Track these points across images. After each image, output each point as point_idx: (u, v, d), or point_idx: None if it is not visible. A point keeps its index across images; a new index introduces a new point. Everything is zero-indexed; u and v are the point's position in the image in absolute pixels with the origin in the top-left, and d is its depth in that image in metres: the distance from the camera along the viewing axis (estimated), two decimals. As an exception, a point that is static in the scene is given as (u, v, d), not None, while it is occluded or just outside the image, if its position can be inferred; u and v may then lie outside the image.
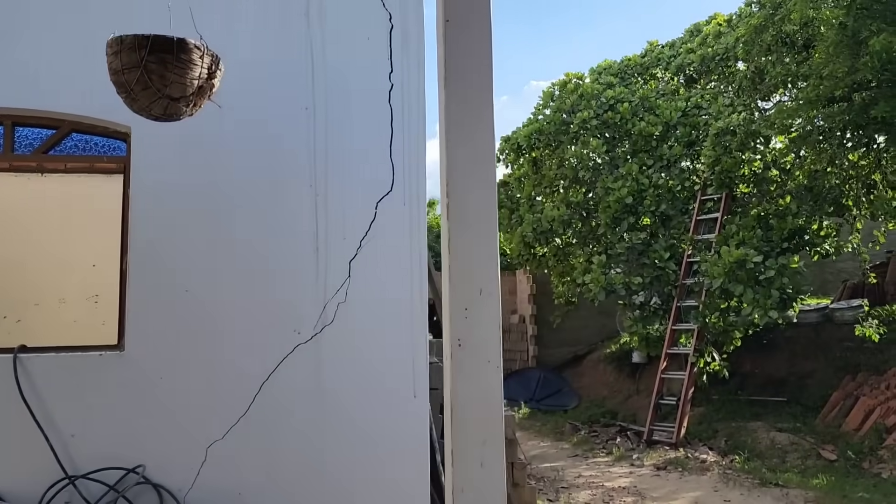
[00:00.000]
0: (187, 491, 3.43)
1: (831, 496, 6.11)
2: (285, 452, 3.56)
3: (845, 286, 11.79)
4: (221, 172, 3.70)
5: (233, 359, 3.57)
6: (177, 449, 3.44)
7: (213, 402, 3.51)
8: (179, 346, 3.53)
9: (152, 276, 3.56)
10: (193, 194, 3.64)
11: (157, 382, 3.47)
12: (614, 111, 11.16)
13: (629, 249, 10.13)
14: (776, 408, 10.11)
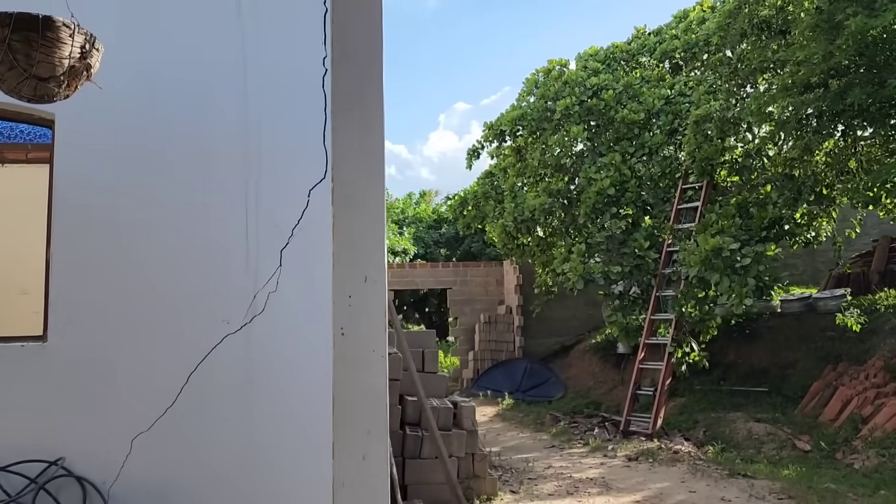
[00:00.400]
0: (111, 483, 3.37)
1: (797, 487, 6.04)
2: (214, 444, 3.49)
3: (830, 275, 11.70)
4: (149, 160, 3.62)
5: (160, 349, 3.49)
6: (101, 441, 3.38)
7: (138, 393, 3.44)
8: (105, 336, 3.46)
9: (77, 267, 3.49)
10: (119, 183, 3.56)
11: (81, 374, 3.41)
12: (598, 98, 11.05)
13: (609, 238, 10.05)
14: (757, 398, 10.04)
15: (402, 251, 18.72)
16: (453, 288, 16.01)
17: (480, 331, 15.40)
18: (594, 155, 10.83)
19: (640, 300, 10.02)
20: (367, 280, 1.97)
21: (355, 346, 1.96)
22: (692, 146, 9.52)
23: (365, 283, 1.97)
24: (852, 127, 7.43)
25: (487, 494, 5.91)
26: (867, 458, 7.01)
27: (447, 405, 5.94)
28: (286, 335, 3.61)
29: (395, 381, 5.79)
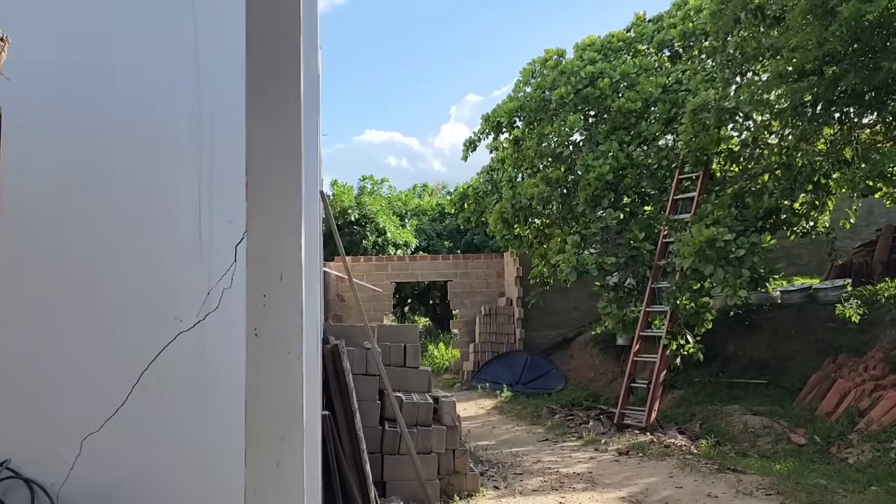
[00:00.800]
0: (61, 485, 3.30)
1: (786, 482, 5.91)
2: (165, 445, 3.42)
3: (832, 265, 11.49)
4: (98, 153, 3.54)
5: (110, 348, 3.42)
6: (49, 442, 3.31)
7: (88, 393, 3.38)
8: (52, 334, 3.39)
9: (22, 264, 3.41)
10: (67, 177, 3.48)
11: (27, 373, 3.34)
12: (594, 87, 10.88)
13: (604, 229, 9.91)
14: (756, 391, 9.90)
15: (404, 244, 18.63)
16: (454, 280, 15.91)
17: (481, 323, 15.31)
18: (591, 144, 10.67)
19: (636, 292, 9.88)
20: (282, 278, 1.87)
21: (270, 348, 1.86)
22: (689, 135, 9.34)
23: (280, 282, 1.86)
24: (848, 114, 7.24)
25: (469, 491, 5.83)
26: (861, 452, 6.87)
27: (427, 400, 5.86)
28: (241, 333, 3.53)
29: (372, 376, 5.72)
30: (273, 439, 1.97)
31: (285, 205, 2.03)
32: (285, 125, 2.03)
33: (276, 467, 1.97)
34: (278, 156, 2.03)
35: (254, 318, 2.00)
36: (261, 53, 2.06)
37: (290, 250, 2.03)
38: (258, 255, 2.02)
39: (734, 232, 8.18)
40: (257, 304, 2.01)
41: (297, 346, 2.02)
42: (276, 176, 2.03)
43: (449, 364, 16.47)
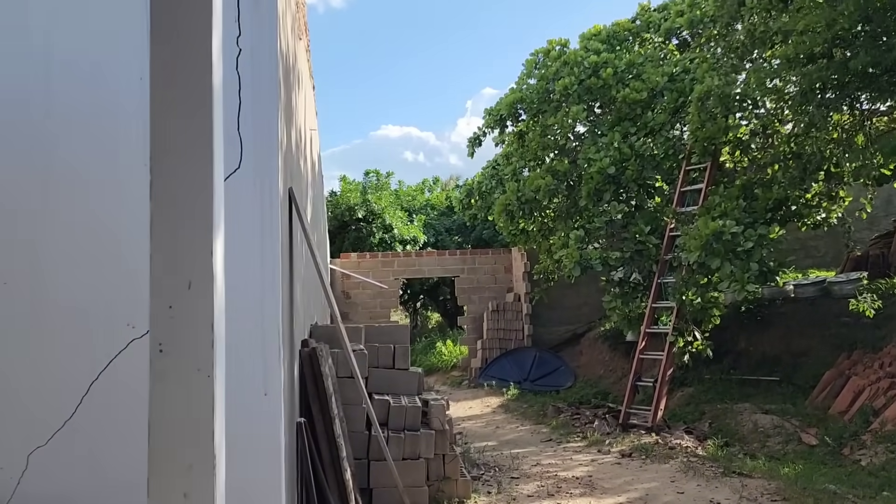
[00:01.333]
0: (7, 500, 3.14)
1: (794, 487, 5.64)
2: (118, 458, 3.24)
3: (848, 258, 11.12)
4: (44, 150, 3.35)
5: (57, 357, 3.25)
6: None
7: (34, 405, 3.21)
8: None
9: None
10: (13, 176, 3.31)
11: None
12: (598, 77, 10.59)
13: (609, 223, 9.63)
14: (768, 388, 9.59)
15: (412, 239, 18.42)
16: (461, 276, 15.69)
17: (489, 319, 15.08)
18: (594, 136, 10.39)
19: (642, 287, 9.60)
20: (190, 287, 1.66)
21: (176, 364, 1.66)
22: (695, 125, 9.03)
23: (189, 291, 1.66)
24: (858, 99, 6.91)
25: (459, 497, 5.61)
26: (875, 454, 6.56)
27: (416, 404, 5.65)
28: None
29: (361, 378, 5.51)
30: (180, 467, 1.77)
31: (195, 208, 1.82)
32: (194, 119, 1.82)
33: (182, 498, 1.76)
34: (186, 153, 1.83)
35: (159, 333, 1.80)
36: (166, 39, 1.85)
37: (201, 257, 1.82)
38: (163, 262, 1.81)
39: (742, 224, 7.88)
40: (163, 317, 1.80)
41: (207, 362, 1.81)
42: (183, 175, 1.82)
43: (457, 361, 16.26)
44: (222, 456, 1.89)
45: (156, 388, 1.79)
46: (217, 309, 1.85)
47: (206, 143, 1.83)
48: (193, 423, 1.78)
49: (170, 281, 1.80)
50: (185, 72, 1.84)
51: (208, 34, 1.85)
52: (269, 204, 3.45)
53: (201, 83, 1.84)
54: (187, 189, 1.82)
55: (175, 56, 1.83)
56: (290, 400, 4.01)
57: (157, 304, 1.80)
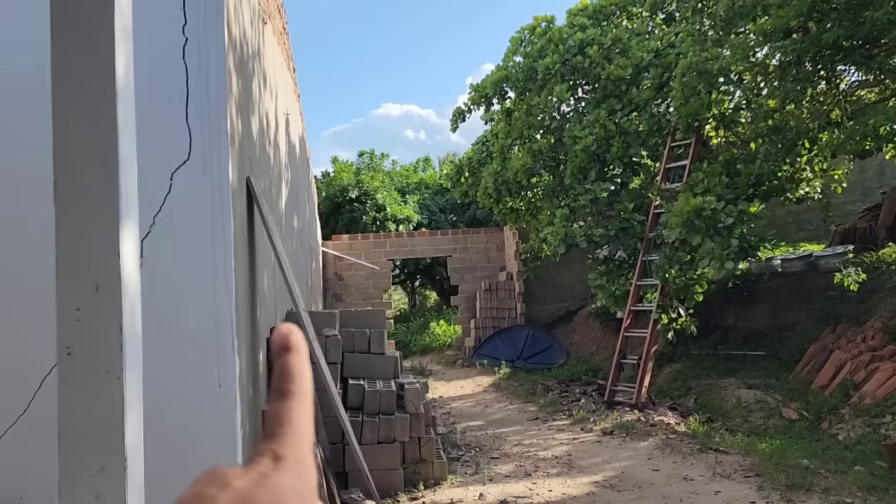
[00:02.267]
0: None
1: (767, 463, 5.67)
2: (73, 451, 3.27)
3: (836, 231, 11.08)
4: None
5: (8, 351, 3.27)
6: (-51, 451, 3.18)
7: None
8: (-49, 340, 3.24)
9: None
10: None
11: (-76, 381, 3.20)
12: (584, 55, 10.49)
13: (594, 201, 9.60)
14: (754, 363, 9.63)
15: (405, 219, 18.39)
16: (453, 256, 15.69)
17: (481, 298, 15.11)
18: (579, 114, 10.32)
19: (627, 265, 9.59)
20: (98, 289, 1.65)
21: (84, 368, 1.66)
22: (679, 100, 8.96)
23: (96, 294, 1.66)
24: (834, 71, 6.84)
25: (435, 479, 5.66)
26: (852, 428, 6.60)
27: (391, 388, 5.68)
28: (158, 330, 3.35)
29: (333, 364, 5.55)
30: (90, 469, 1.78)
31: (101, 206, 1.81)
32: (97, 114, 1.81)
33: (94, 500, 1.78)
34: (92, 148, 1.81)
35: (66, 336, 1.80)
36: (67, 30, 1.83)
37: (108, 258, 1.82)
38: (69, 264, 1.81)
39: (724, 200, 7.86)
40: (70, 320, 1.80)
41: (116, 365, 1.81)
42: (88, 174, 1.81)
43: (451, 340, 16.33)
44: (139, 457, 1.90)
45: (63, 391, 1.80)
46: (127, 311, 1.86)
47: (111, 140, 1.82)
48: (103, 426, 1.79)
49: (75, 284, 1.80)
50: (85, 63, 1.82)
51: (110, 20, 1.83)
52: (221, 194, 3.44)
53: (103, 75, 1.82)
54: (91, 189, 1.81)
55: (75, 47, 1.81)
56: (251, 389, 4.03)
57: (63, 306, 1.80)
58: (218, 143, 3.46)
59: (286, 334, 0.45)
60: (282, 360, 0.44)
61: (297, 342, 0.44)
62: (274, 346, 0.44)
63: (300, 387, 0.43)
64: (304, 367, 0.44)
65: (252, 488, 0.38)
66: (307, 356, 0.45)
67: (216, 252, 3.43)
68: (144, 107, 3.45)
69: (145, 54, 3.43)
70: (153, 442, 3.16)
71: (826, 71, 6.80)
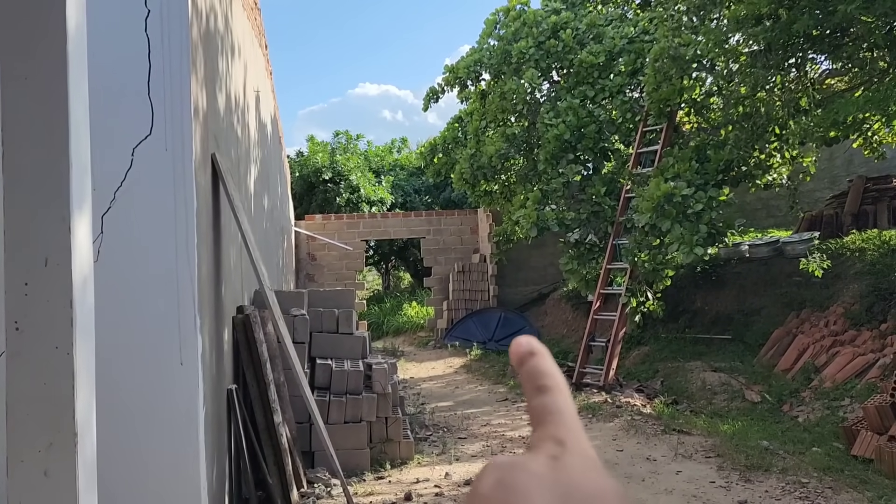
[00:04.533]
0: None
1: (728, 444, 5.79)
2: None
3: (803, 218, 11.27)
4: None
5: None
6: None
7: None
8: None
9: None
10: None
11: None
12: (557, 38, 10.47)
13: (566, 185, 9.64)
14: (720, 346, 9.79)
15: (379, 200, 18.33)
16: (427, 237, 15.68)
17: (454, 280, 15.14)
18: (552, 100, 10.32)
19: (598, 248, 9.67)
20: (47, 264, 1.63)
21: (33, 342, 1.64)
22: (651, 86, 9.00)
23: (45, 268, 1.63)
24: (804, 59, 6.91)
25: (402, 458, 5.70)
26: (812, 410, 6.76)
27: (358, 368, 5.68)
28: (119, 307, 3.32)
29: (300, 343, 5.54)
30: (39, 444, 1.76)
31: (50, 180, 1.78)
32: (44, 86, 1.77)
33: (43, 476, 1.76)
34: (40, 121, 1.78)
35: (14, 310, 1.77)
36: (16, 4, 1.78)
37: (58, 232, 1.78)
38: (17, 238, 1.77)
39: (694, 186, 7.93)
40: (18, 294, 1.77)
41: (66, 339, 1.79)
42: (36, 147, 1.77)
43: (424, 322, 16.36)
44: (90, 433, 1.88)
45: (12, 366, 1.77)
46: (77, 286, 1.82)
47: (61, 109, 1.78)
48: (52, 401, 1.77)
49: (24, 258, 1.76)
50: (34, 33, 1.78)
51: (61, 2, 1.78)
52: (184, 171, 3.39)
53: (52, 46, 1.78)
54: (40, 160, 1.77)
55: (23, 16, 1.77)
56: (215, 368, 4.01)
57: (11, 280, 1.77)
58: (181, 118, 3.41)
59: (526, 342, 0.48)
60: (531, 362, 0.47)
61: (539, 347, 0.48)
62: (517, 355, 0.48)
63: (555, 381, 0.46)
64: (553, 366, 0.47)
65: (552, 472, 0.39)
66: (551, 358, 0.48)
67: (178, 229, 3.39)
68: (105, 80, 3.39)
69: (106, 26, 3.37)
70: (111, 419, 3.15)
71: (795, 59, 6.87)
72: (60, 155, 1.78)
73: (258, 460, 4.47)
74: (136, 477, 3.29)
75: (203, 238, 3.69)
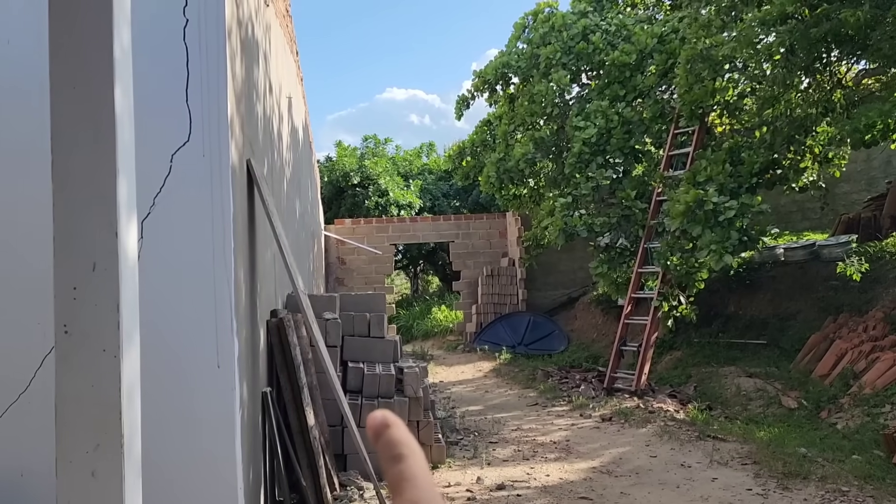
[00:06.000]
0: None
1: (765, 451, 5.69)
2: (73, 430, 3.29)
3: (840, 220, 11.05)
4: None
5: (8, 328, 3.29)
6: (-49, 429, 3.21)
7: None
8: (-48, 318, 3.26)
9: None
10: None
11: (-75, 359, 3.22)
12: (587, 41, 10.42)
13: (595, 189, 9.58)
14: (755, 351, 9.63)
15: (408, 204, 18.38)
16: (455, 241, 15.69)
17: (483, 284, 15.12)
18: (582, 102, 10.27)
19: (628, 252, 9.58)
20: (95, 269, 1.66)
21: (81, 346, 1.68)
22: (683, 87, 8.90)
23: (93, 273, 1.67)
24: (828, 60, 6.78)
25: (434, 462, 5.70)
26: (851, 417, 6.61)
27: (390, 372, 5.70)
28: (157, 310, 3.37)
29: (332, 347, 5.57)
30: (86, 446, 1.80)
31: (97, 185, 1.82)
32: (92, 94, 1.81)
33: (90, 477, 1.80)
34: (88, 128, 1.82)
35: (63, 314, 1.81)
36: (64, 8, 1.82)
37: (106, 237, 1.82)
38: (66, 243, 1.82)
39: (727, 191, 7.83)
40: (67, 298, 1.81)
41: (113, 343, 1.83)
42: (83, 153, 1.81)
43: (453, 326, 16.36)
44: (136, 435, 1.91)
45: (61, 369, 1.81)
46: (124, 290, 1.86)
47: (108, 119, 1.82)
48: (100, 403, 1.81)
49: (72, 263, 1.80)
50: (83, 43, 1.82)
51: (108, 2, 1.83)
52: (220, 177, 3.44)
53: (100, 55, 1.82)
54: (88, 168, 1.81)
55: (73, 27, 1.81)
56: (251, 371, 4.05)
57: (60, 285, 1.81)
58: (218, 125, 3.46)
59: (381, 416, 0.52)
60: (386, 434, 0.51)
61: (394, 419, 0.52)
62: (373, 428, 0.52)
63: (410, 449, 0.51)
64: (406, 435, 0.51)
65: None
66: (405, 428, 0.52)
67: (215, 233, 3.43)
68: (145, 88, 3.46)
69: (146, 36, 3.43)
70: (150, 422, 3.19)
71: (821, 60, 6.74)
72: (107, 162, 1.82)
73: (292, 463, 4.51)
74: (173, 478, 3.33)
75: (239, 243, 3.74)
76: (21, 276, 3.33)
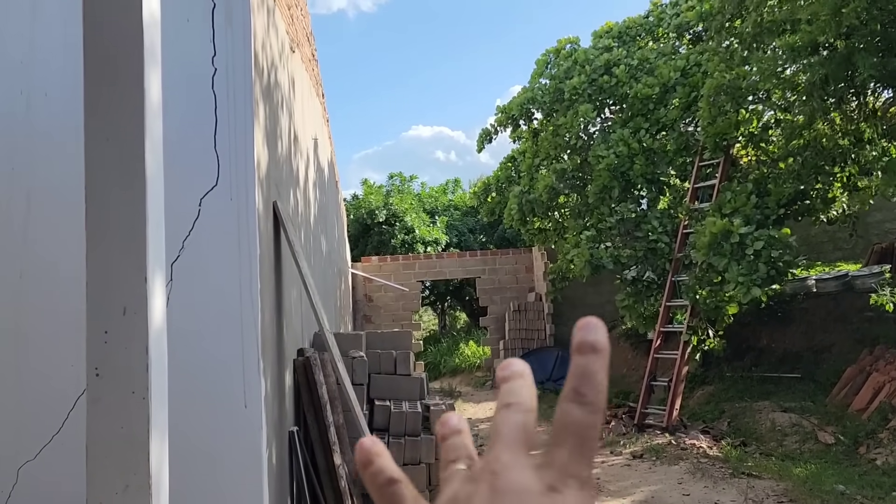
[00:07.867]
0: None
1: (801, 489, 5.54)
2: (104, 470, 3.34)
3: (873, 250, 10.85)
4: (26, 162, 3.48)
5: (43, 370, 3.36)
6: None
7: (21, 419, 3.32)
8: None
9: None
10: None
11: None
12: (610, 75, 10.51)
13: (620, 222, 9.56)
14: (789, 385, 9.43)
15: (434, 241, 18.47)
16: (482, 277, 15.69)
17: (510, 319, 15.06)
18: (605, 134, 10.32)
19: (656, 286, 9.50)
20: (125, 312, 1.72)
21: (112, 388, 1.72)
22: (706, 120, 8.91)
23: (123, 317, 1.72)
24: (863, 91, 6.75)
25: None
26: (891, 452, 6.42)
27: (417, 409, 5.69)
28: (186, 351, 3.43)
29: (359, 385, 5.58)
30: (116, 487, 1.84)
31: (128, 232, 1.88)
32: (124, 147, 1.89)
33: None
34: (120, 177, 1.89)
35: (95, 357, 1.87)
36: (98, 65, 1.92)
37: (135, 282, 1.88)
38: (98, 288, 1.88)
39: (753, 223, 7.76)
40: (98, 342, 1.87)
41: (142, 385, 1.87)
42: (115, 201, 1.89)
43: (480, 362, 16.28)
44: (164, 476, 1.95)
45: (92, 411, 1.86)
46: (153, 333, 1.92)
47: (138, 167, 1.89)
48: (129, 445, 1.85)
49: (104, 306, 1.86)
50: (116, 93, 1.90)
51: (139, 51, 1.91)
52: (247, 219, 3.52)
53: (132, 105, 1.91)
54: (119, 214, 1.88)
55: (106, 77, 1.90)
56: (277, 410, 4.08)
57: (92, 328, 1.87)
58: (245, 169, 3.55)
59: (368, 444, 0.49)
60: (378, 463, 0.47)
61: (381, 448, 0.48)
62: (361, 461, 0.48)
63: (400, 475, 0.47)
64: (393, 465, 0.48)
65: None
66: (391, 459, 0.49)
67: (242, 275, 3.50)
68: (175, 134, 3.57)
69: (176, 84, 3.56)
70: (178, 462, 3.23)
71: (856, 91, 6.71)
72: (138, 210, 1.89)
73: (319, 502, 4.50)
74: (202, 519, 3.35)
75: (265, 283, 3.81)
76: (56, 319, 3.41)
